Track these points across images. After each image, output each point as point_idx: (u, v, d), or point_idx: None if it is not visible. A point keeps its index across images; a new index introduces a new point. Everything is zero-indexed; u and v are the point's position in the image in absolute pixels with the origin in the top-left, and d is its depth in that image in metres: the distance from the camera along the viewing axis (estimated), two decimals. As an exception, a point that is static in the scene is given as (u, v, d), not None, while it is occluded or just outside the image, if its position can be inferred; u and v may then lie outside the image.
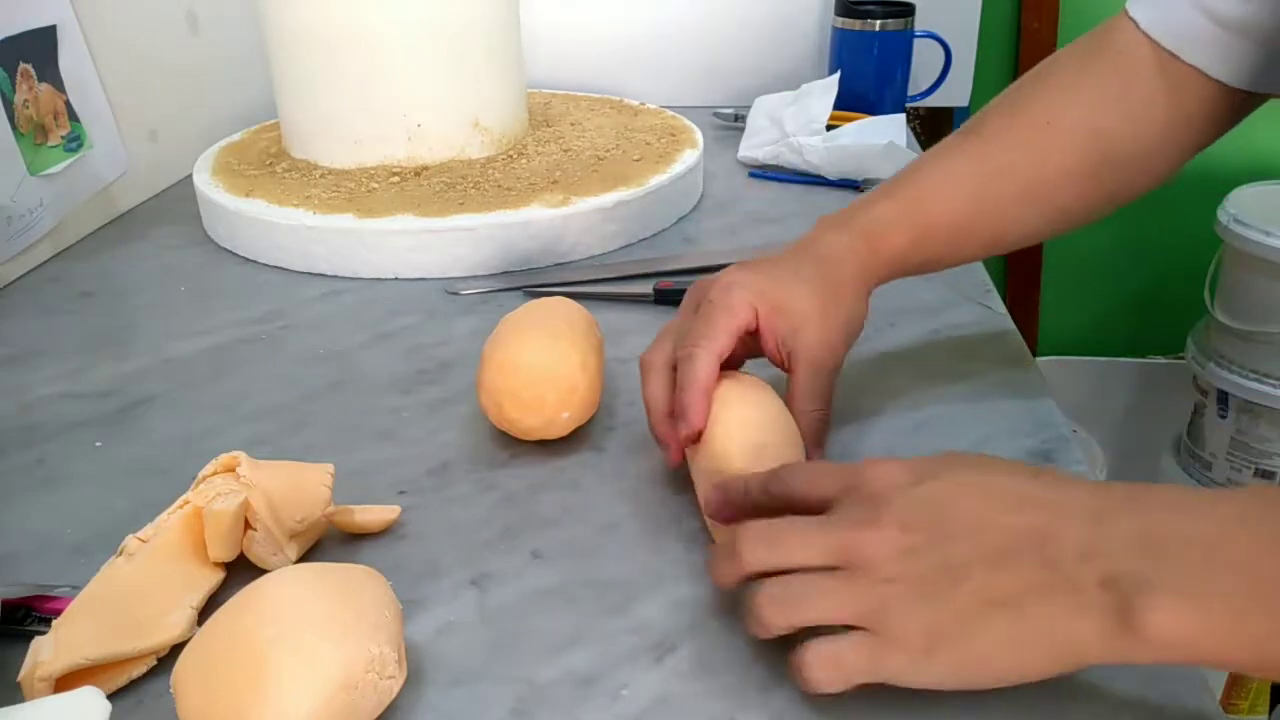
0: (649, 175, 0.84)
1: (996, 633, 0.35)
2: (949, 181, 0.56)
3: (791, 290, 0.51)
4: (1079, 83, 0.56)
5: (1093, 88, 0.56)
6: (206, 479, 0.47)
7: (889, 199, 0.56)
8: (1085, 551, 0.34)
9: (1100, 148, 0.55)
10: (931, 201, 0.55)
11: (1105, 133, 0.55)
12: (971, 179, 0.56)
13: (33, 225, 0.77)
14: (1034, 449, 0.55)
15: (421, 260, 0.76)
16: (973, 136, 0.57)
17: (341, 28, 0.81)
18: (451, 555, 0.48)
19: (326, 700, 0.36)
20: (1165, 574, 0.32)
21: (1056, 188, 0.56)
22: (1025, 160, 0.56)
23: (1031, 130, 0.56)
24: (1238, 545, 0.32)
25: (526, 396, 0.53)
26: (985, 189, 0.56)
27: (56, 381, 0.64)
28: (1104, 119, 0.55)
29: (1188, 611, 0.32)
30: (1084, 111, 0.55)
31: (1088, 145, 0.55)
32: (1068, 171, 0.55)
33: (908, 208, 0.55)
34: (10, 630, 0.43)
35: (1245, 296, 1.29)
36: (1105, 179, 0.56)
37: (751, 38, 1.16)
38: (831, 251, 0.54)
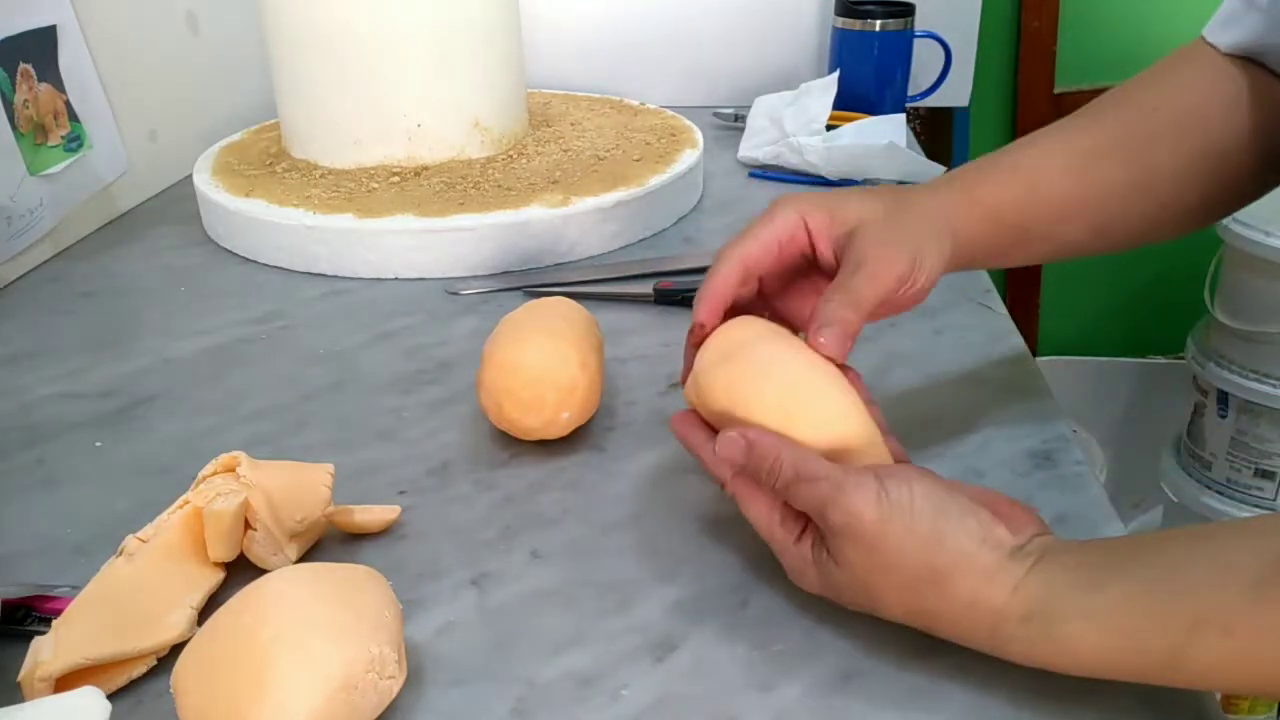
0: (649, 175, 0.84)
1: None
2: (1055, 152, 0.54)
3: (851, 201, 0.49)
4: (1175, 78, 0.55)
5: (1190, 82, 0.55)
6: (206, 479, 0.47)
7: (985, 161, 0.54)
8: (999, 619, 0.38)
9: (1202, 135, 0.54)
10: (1035, 166, 0.53)
11: (1206, 123, 0.54)
12: (1079, 153, 0.53)
13: (33, 225, 0.77)
14: (1034, 449, 0.55)
15: (421, 260, 0.76)
16: (1080, 118, 0.55)
17: (342, 28, 0.81)
18: (451, 555, 0.48)
19: (326, 700, 0.36)
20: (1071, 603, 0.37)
21: (1162, 176, 0.54)
22: (1134, 144, 0.54)
23: (1140, 115, 0.54)
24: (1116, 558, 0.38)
25: (526, 396, 0.53)
26: (1092, 166, 0.53)
27: (56, 381, 0.64)
28: (1203, 109, 0.54)
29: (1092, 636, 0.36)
30: (1185, 102, 0.54)
31: (1191, 132, 0.54)
32: (1174, 155, 0.53)
33: (1008, 166, 0.53)
34: (10, 630, 0.43)
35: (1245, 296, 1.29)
36: (1206, 171, 0.54)
37: (751, 38, 1.15)
38: (913, 189, 0.52)
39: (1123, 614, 0.36)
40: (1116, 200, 0.53)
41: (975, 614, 0.38)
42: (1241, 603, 0.34)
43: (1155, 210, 0.54)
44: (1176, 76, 0.56)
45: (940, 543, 0.39)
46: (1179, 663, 0.35)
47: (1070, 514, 0.50)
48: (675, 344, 0.54)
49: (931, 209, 0.50)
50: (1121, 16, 1.53)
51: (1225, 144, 0.54)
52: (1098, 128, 0.55)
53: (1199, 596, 0.35)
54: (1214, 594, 0.35)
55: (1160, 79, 0.56)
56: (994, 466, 0.54)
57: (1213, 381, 1.33)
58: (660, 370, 0.63)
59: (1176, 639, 0.35)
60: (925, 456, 0.54)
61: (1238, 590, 0.34)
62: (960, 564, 0.38)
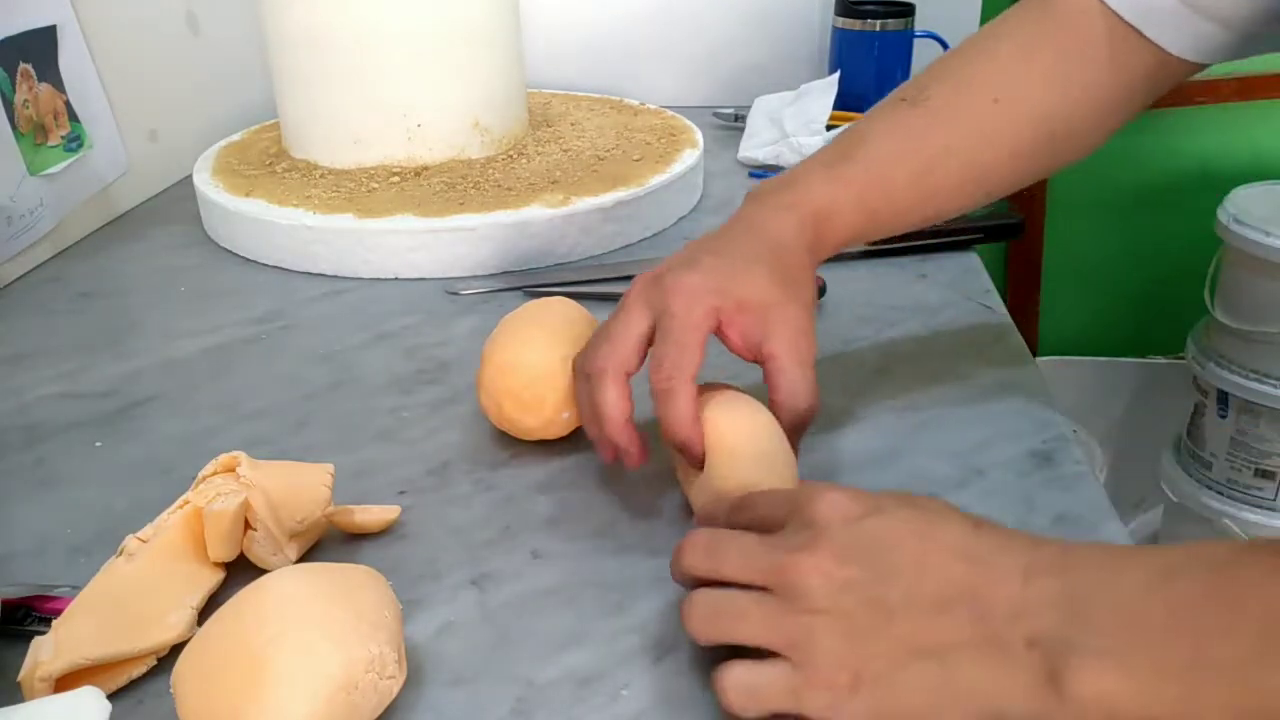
0: (649, 175, 0.84)
1: (921, 681, 0.34)
2: (896, 162, 0.55)
3: (751, 282, 0.49)
4: (1027, 58, 0.55)
5: (1041, 64, 0.55)
6: (206, 479, 0.47)
7: (834, 180, 0.54)
8: (1014, 611, 0.34)
9: (1045, 129, 0.55)
10: (879, 184, 0.54)
11: (1051, 114, 0.55)
12: (918, 159, 0.55)
13: (33, 225, 0.77)
14: (1034, 449, 0.55)
15: (421, 260, 0.76)
16: (918, 109, 0.56)
17: (342, 28, 0.81)
18: (451, 555, 0.48)
19: (326, 700, 0.36)
20: (1088, 637, 0.32)
21: (998, 169, 0.56)
22: (972, 142, 0.55)
23: (979, 108, 0.55)
24: (1158, 609, 0.32)
25: (526, 396, 0.53)
26: (931, 171, 0.55)
27: (56, 381, 0.64)
28: (1050, 98, 0.54)
29: (1108, 675, 0.32)
30: (1031, 92, 0.55)
31: (1034, 127, 0.55)
32: (1013, 153, 0.55)
33: (855, 191, 0.54)
34: (10, 630, 0.43)
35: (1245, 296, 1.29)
36: (1042, 157, 0.56)
37: (751, 38, 1.15)
38: (781, 234, 0.52)
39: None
40: (948, 198, 0.56)
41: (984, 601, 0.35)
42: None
43: (984, 196, 0.57)
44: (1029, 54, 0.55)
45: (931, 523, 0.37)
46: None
47: (1070, 514, 0.50)
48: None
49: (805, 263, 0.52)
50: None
51: (1070, 127, 0.55)
52: (937, 122, 0.55)
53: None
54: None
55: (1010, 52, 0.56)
56: (994, 466, 0.54)
57: (1213, 381, 1.33)
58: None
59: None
60: (925, 457, 0.54)
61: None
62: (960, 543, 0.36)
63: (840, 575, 0.36)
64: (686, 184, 0.87)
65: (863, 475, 0.53)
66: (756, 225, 0.53)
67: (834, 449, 0.55)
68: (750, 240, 0.52)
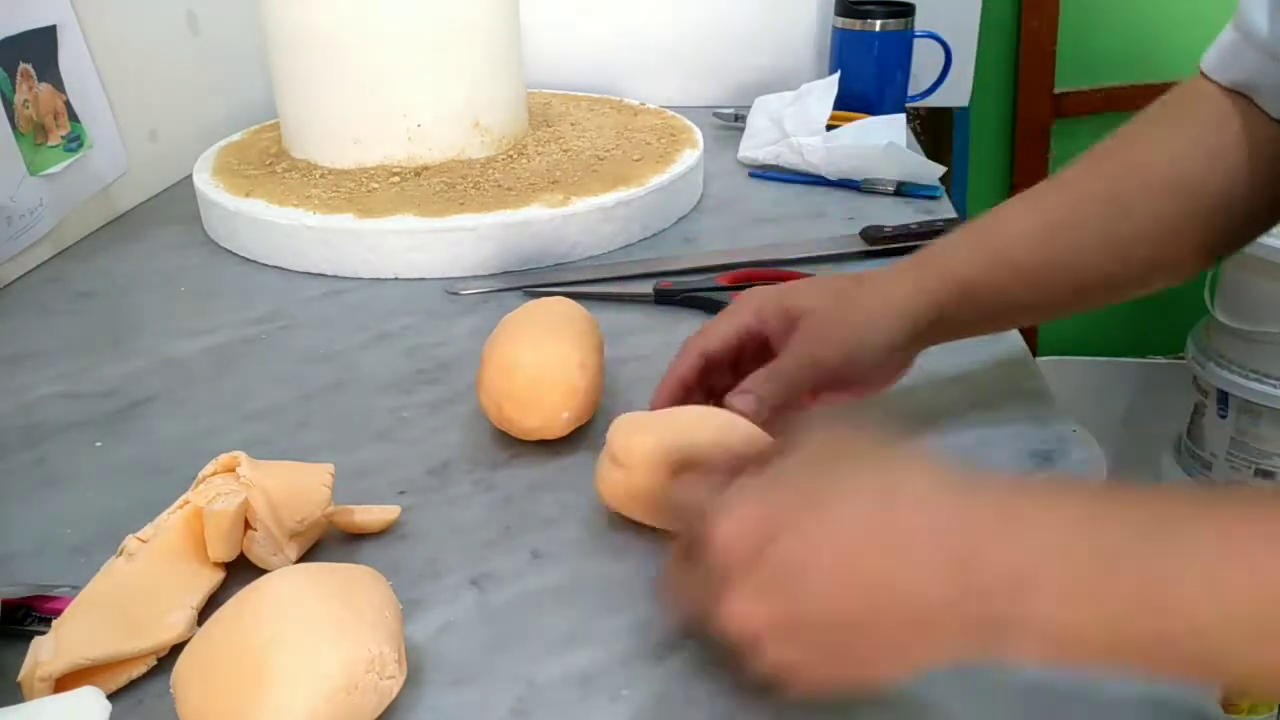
0: (649, 175, 0.84)
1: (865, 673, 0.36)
2: (1024, 219, 0.54)
3: (803, 291, 0.52)
4: (1163, 131, 0.54)
5: (1178, 134, 0.54)
6: (206, 479, 0.47)
7: (955, 234, 0.54)
8: (953, 600, 0.33)
9: (1189, 194, 0.53)
10: (1002, 238, 0.53)
11: (1193, 178, 0.53)
12: (1048, 219, 0.53)
13: (33, 225, 0.77)
14: (1034, 449, 0.55)
15: (421, 260, 0.76)
16: (1055, 181, 0.55)
17: (342, 27, 0.81)
18: (451, 555, 0.48)
19: (326, 700, 0.36)
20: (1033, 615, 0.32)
21: (1141, 236, 0.53)
22: (1108, 206, 0.53)
23: (1115, 177, 0.54)
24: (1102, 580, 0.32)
25: (526, 396, 0.53)
26: (1061, 231, 0.53)
27: (56, 381, 0.64)
28: (1190, 164, 0.53)
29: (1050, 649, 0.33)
30: (1170, 156, 0.53)
31: (1174, 191, 0.53)
32: (1155, 218, 0.53)
33: (973, 234, 0.54)
34: (10, 630, 0.43)
35: (1245, 296, 1.29)
36: (1196, 228, 0.53)
37: (751, 38, 1.15)
38: (878, 272, 0.53)
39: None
40: (1091, 264, 0.53)
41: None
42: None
43: (1141, 267, 0.54)
44: (1166, 128, 0.55)
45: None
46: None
47: (1070, 514, 0.50)
48: (675, 344, 0.54)
49: (885, 294, 0.52)
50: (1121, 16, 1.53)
51: (1216, 198, 0.53)
52: (1073, 191, 0.54)
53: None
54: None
55: (1150, 131, 0.55)
56: (994, 466, 0.53)
57: (1213, 381, 1.33)
58: (660, 370, 0.63)
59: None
60: (925, 456, 0.54)
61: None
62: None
63: (757, 616, 0.35)
64: (686, 184, 0.87)
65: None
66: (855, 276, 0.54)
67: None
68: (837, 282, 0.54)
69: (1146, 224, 0.53)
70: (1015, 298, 0.53)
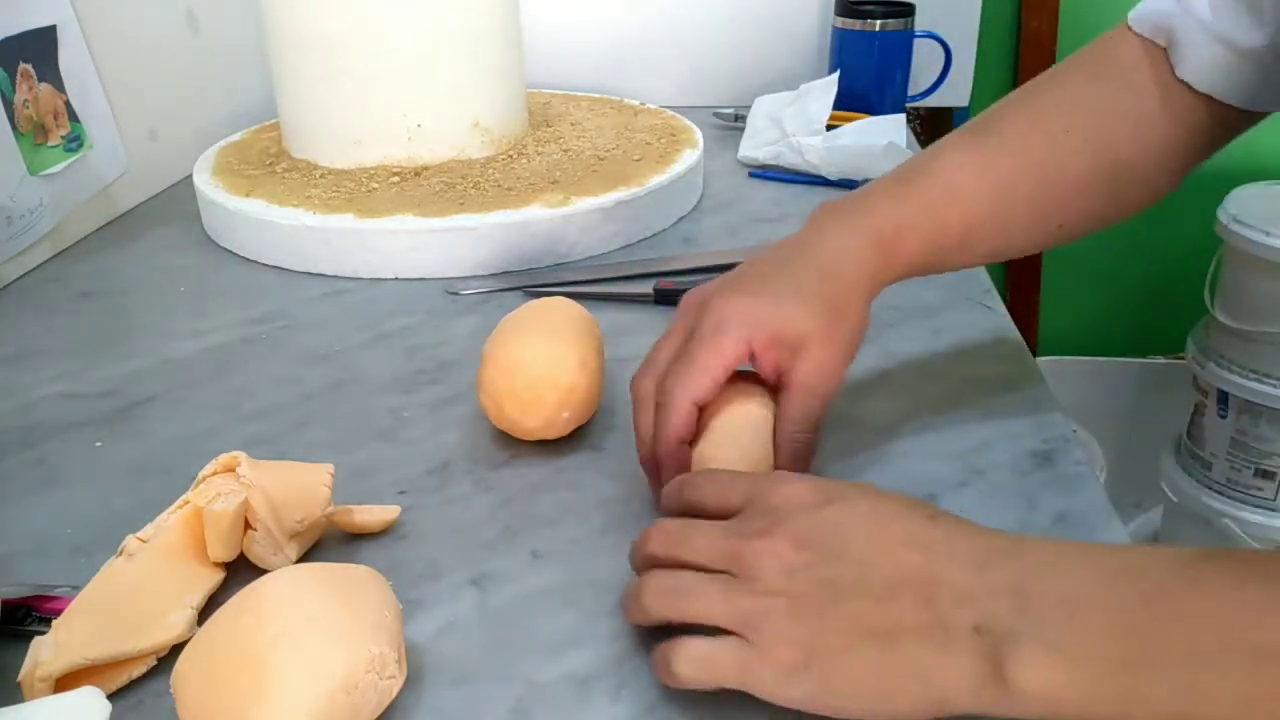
0: (649, 175, 0.84)
1: (866, 661, 0.35)
2: (966, 184, 0.54)
3: (791, 313, 0.49)
4: (1092, 93, 0.55)
5: (1105, 98, 0.55)
6: (206, 479, 0.47)
7: (902, 200, 0.53)
8: (962, 597, 0.34)
9: (1112, 160, 0.54)
10: (948, 205, 0.53)
11: (1117, 145, 0.54)
12: (989, 182, 0.54)
13: (33, 225, 0.77)
14: (1034, 449, 0.55)
15: (421, 260, 0.76)
16: (990, 136, 0.55)
17: (341, 28, 0.81)
18: (451, 555, 0.48)
19: (326, 700, 0.36)
20: (1034, 628, 0.33)
21: (1068, 199, 0.55)
22: (1043, 168, 0.54)
23: (1049, 136, 0.55)
24: (1106, 605, 0.33)
25: (526, 396, 0.53)
26: (1002, 195, 0.54)
27: (56, 381, 0.64)
28: (1117, 130, 0.54)
29: (1052, 667, 0.32)
30: (1099, 121, 0.55)
31: (1101, 156, 0.54)
32: (1082, 182, 0.54)
33: (924, 211, 0.53)
34: (10, 630, 0.43)
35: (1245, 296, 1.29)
36: (1111, 192, 0.56)
37: (751, 38, 1.16)
38: (838, 260, 0.51)
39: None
40: (1019, 226, 0.55)
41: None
42: None
43: (1055, 228, 0.56)
44: (1093, 90, 0.56)
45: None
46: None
47: (1070, 514, 0.50)
48: (675, 344, 0.54)
49: (859, 292, 0.51)
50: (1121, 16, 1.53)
51: (1135, 163, 0.55)
52: (1008, 148, 0.55)
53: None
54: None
55: (1075, 88, 0.56)
56: (994, 466, 0.53)
57: (1213, 381, 1.33)
58: (660, 370, 0.63)
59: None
60: (924, 456, 0.54)
61: None
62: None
63: (794, 559, 0.37)
64: (686, 184, 0.87)
65: (863, 475, 0.53)
66: (814, 249, 0.52)
67: (832, 450, 0.55)
68: (803, 265, 0.51)
69: (1074, 187, 0.55)
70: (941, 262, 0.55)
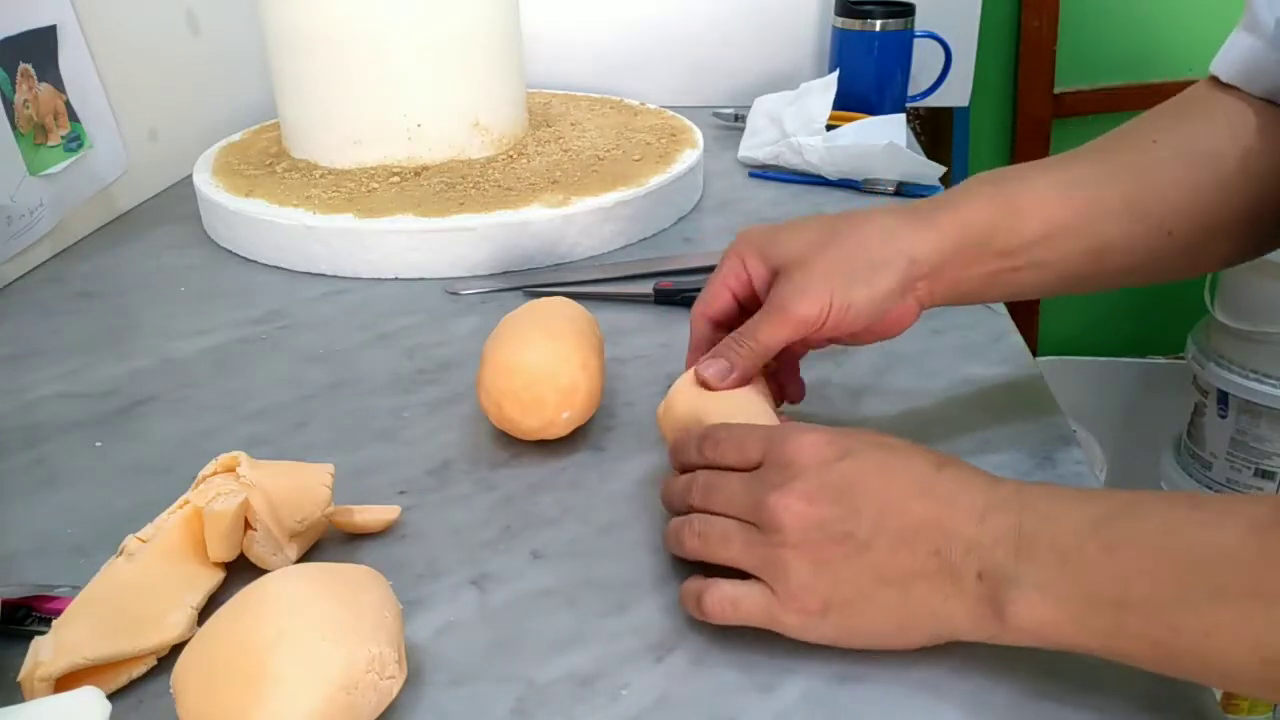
0: (649, 175, 0.84)
1: (884, 606, 0.39)
2: (1042, 175, 0.51)
3: (784, 236, 0.50)
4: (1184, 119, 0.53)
5: (1198, 123, 0.52)
6: (206, 479, 0.47)
7: (961, 185, 0.51)
8: (968, 546, 0.38)
9: (1209, 166, 0.51)
10: (1017, 187, 0.50)
11: (1218, 156, 0.51)
12: (1067, 176, 0.51)
13: (33, 225, 0.77)
14: (1034, 449, 0.55)
15: (421, 260, 0.76)
16: (1079, 149, 0.53)
17: (342, 28, 0.81)
18: (451, 555, 0.48)
19: (326, 700, 0.36)
20: (1029, 572, 0.37)
21: (1165, 202, 0.50)
22: (1126, 170, 0.51)
23: (1134, 147, 0.52)
24: (1093, 550, 0.36)
25: (526, 397, 0.53)
26: (1081, 188, 0.50)
27: (56, 381, 0.64)
28: (1215, 144, 0.51)
29: (1044, 606, 0.36)
30: (1193, 136, 0.52)
31: (1199, 163, 0.51)
32: (1179, 182, 0.50)
33: (987, 189, 0.50)
34: (10, 630, 0.43)
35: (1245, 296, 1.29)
36: (1222, 203, 0.50)
37: (751, 38, 1.16)
38: (882, 209, 0.50)
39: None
40: (1113, 222, 0.50)
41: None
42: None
43: (1161, 238, 0.51)
44: (1178, 113, 0.53)
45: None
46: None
47: (1070, 514, 0.50)
48: (675, 344, 0.54)
49: (877, 238, 0.49)
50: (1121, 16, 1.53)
51: (1239, 179, 0.50)
52: (1089, 157, 0.53)
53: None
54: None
55: (1161, 115, 0.54)
56: (994, 467, 0.53)
57: (1213, 381, 1.33)
58: (660, 370, 0.63)
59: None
60: (925, 456, 0.54)
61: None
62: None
63: (812, 514, 0.40)
64: (686, 184, 0.87)
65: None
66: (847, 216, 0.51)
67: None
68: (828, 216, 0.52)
69: (1166, 188, 0.51)
70: (1027, 254, 0.50)
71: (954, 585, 0.38)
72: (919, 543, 0.39)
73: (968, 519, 0.38)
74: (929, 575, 0.38)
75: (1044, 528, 0.37)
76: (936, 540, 0.38)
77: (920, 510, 0.39)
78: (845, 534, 0.39)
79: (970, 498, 0.39)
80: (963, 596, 0.38)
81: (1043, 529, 0.37)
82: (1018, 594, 0.37)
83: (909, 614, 0.39)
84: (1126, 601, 0.35)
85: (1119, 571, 0.36)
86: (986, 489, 0.39)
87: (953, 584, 0.38)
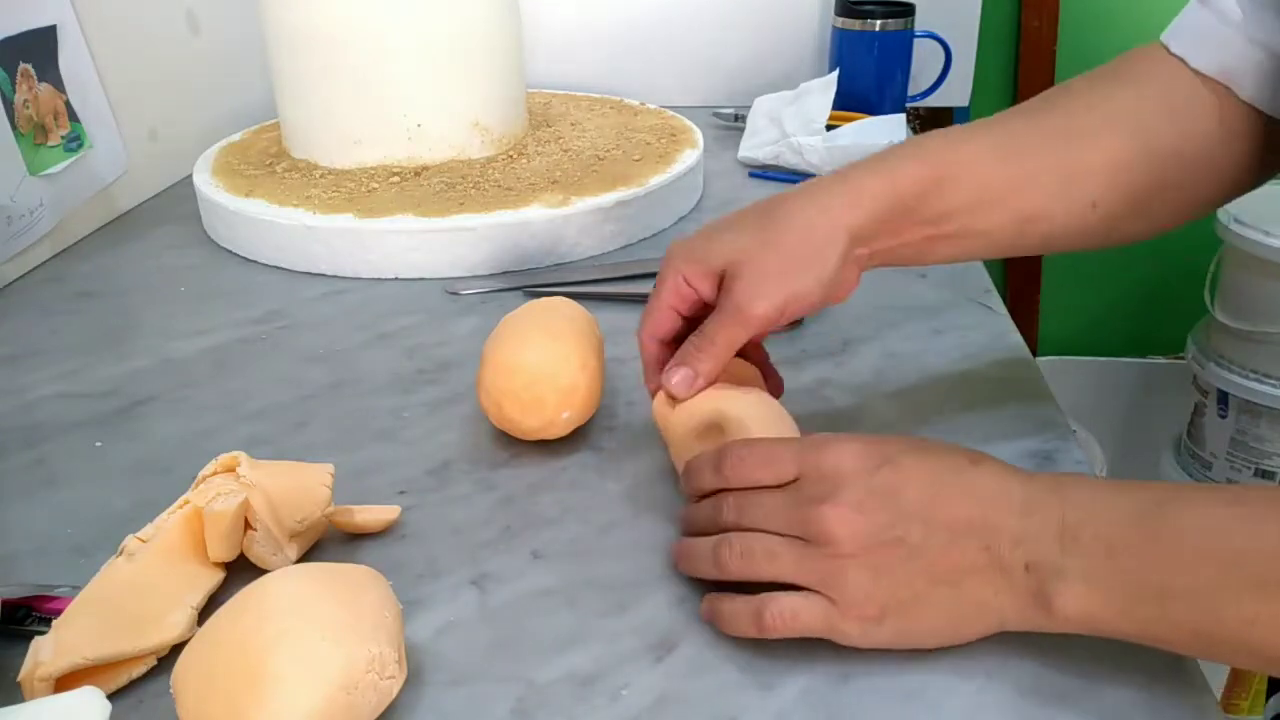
0: (649, 175, 0.84)
1: (938, 605, 0.40)
2: (970, 140, 0.51)
3: (719, 242, 0.50)
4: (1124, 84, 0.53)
5: (1134, 91, 0.52)
6: (206, 479, 0.47)
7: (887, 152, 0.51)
8: (1015, 540, 0.39)
9: (1143, 140, 0.51)
10: (945, 154, 0.50)
11: (1150, 129, 0.51)
12: (997, 142, 0.51)
13: (33, 225, 0.77)
14: (1034, 449, 0.55)
15: (421, 260, 0.76)
16: (1002, 113, 0.53)
17: (342, 28, 0.81)
18: (451, 555, 0.48)
19: (326, 700, 0.36)
20: (1075, 564, 0.38)
21: (1094, 170, 0.51)
22: (1062, 138, 0.51)
23: (1069, 114, 0.52)
24: (1136, 541, 0.37)
25: (526, 397, 0.53)
26: (1013, 154, 0.51)
27: (56, 381, 0.64)
28: (1149, 116, 0.52)
29: (1090, 597, 0.37)
30: (1128, 106, 0.52)
31: (1130, 133, 0.51)
32: (1108, 152, 0.51)
33: (912, 155, 0.50)
34: (10, 630, 0.43)
35: (1245, 296, 1.29)
36: (1148, 176, 0.51)
37: (751, 38, 1.16)
38: (786, 201, 0.50)
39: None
40: (1040, 192, 0.51)
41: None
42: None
43: (1085, 209, 0.51)
44: (1118, 77, 0.53)
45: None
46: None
47: (1070, 514, 0.50)
48: (675, 344, 0.54)
49: (818, 218, 0.49)
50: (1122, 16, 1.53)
51: (1174, 151, 0.51)
52: (1024, 121, 0.53)
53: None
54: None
55: (1100, 79, 0.54)
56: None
57: (1213, 381, 1.33)
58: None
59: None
60: (925, 456, 0.54)
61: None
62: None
63: (864, 522, 0.40)
64: (686, 184, 0.87)
65: (863, 475, 0.53)
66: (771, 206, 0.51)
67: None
68: (751, 209, 0.51)
69: (1094, 156, 0.51)
70: (958, 221, 0.50)
71: (1004, 578, 0.39)
72: (968, 540, 0.39)
73: (1011, 513, 0.39)
74: (979, 570, 0.39)
75: (1087, 519, 0.38)
76: (985, 536, 0.39)
77: (965, 508, 0.40)
78: (897, 539, 0.40)
79: (1009, 492, 0.40)
80: (1012, 589, 0.39)
81: (1086, 521, 0.38)
82: (1064, 585, 0.38)
83: (961, 611, 0.40)
84: (1171, 591, 0.36)
85: (1164, 562, 0.37)
86: (1023, 483, 0.40)
87: (1003, 577, 0.39)
